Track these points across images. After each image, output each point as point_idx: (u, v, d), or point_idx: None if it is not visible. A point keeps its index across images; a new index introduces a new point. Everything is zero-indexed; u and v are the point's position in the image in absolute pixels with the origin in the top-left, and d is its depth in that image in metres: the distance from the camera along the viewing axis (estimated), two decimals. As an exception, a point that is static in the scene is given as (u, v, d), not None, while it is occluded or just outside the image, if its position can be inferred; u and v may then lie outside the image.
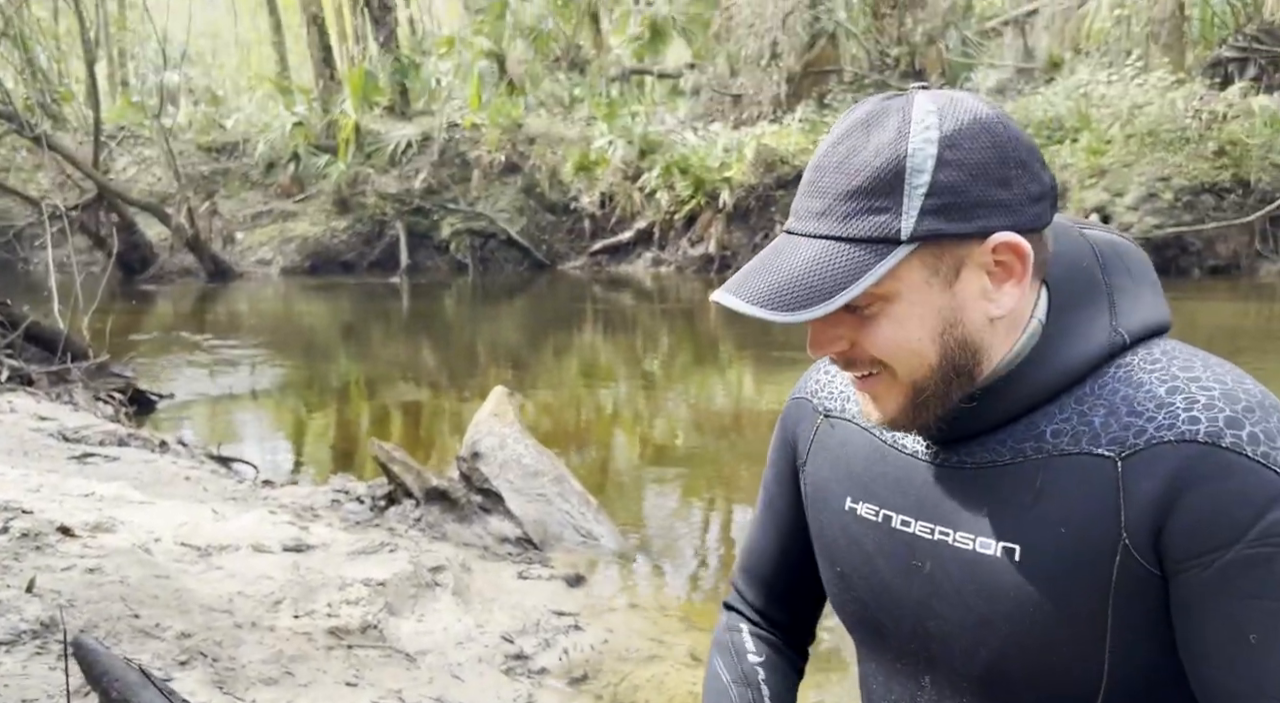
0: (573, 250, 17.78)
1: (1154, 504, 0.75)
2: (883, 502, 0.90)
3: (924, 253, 0.78)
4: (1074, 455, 0.79)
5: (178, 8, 30.96)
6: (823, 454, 0.98)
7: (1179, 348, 0.83)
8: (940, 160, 0.77)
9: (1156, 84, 13.77)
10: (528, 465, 4.16)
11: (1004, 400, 0.83)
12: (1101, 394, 0.80)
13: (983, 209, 0.78)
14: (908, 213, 0.77)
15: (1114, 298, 0.84)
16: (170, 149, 17.05)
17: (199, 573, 2.95)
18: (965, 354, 0.81)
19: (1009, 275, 0.80)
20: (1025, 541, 0.80)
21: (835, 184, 0.79)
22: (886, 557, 0.90)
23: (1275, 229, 13.48)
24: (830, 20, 17.30)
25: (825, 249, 0.78)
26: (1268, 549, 0.72)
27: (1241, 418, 0.74)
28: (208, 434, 6.23)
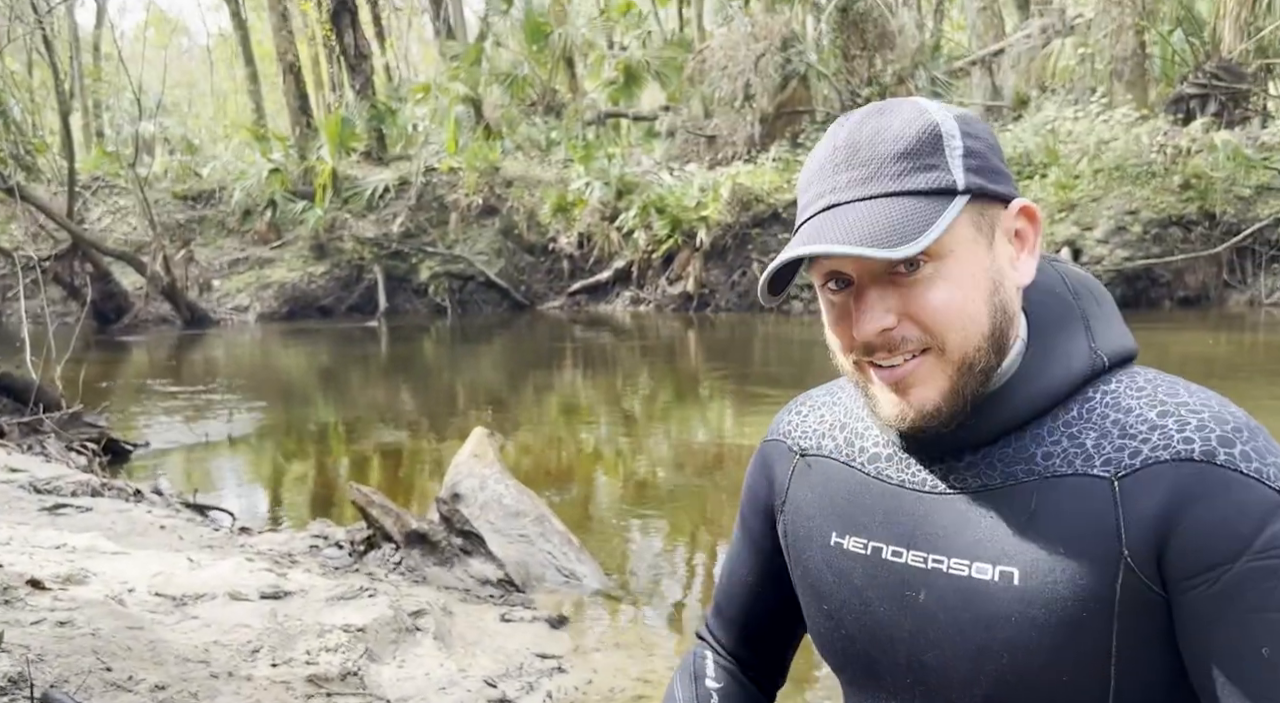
0: (552, 291, 17.83)
1: (1155, 522, 0.75)
2: (871, 534, 0.89)
3: (971, 210, 0.80)
4: (1068, 477, 0.79)
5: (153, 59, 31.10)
6: (802, 494, 0.97)
7: (1161, 376, 0.84)
8: (963, 131, 0.82)
9: (1121, 120, 14.08)
10: (509, 506, 4.12)
11: (997, 415, 0.83)
12: (1090, 418, 0.81)
13: (1003, 178, 0.83)
14: (954, 168, 0.80)
15: (1089, 323, 0.86)
16: (145, 198, 17.02)
17: (174, 623, 2.88)
18: (1005, 322, 0.82)
19: (1023, 245, 0.84)
20: (1024, 563, 0.79)
21: (876, 153, 0.80)
22: (878, 589, 0.88)
23: (1242, 260, 13.73)
24: (801, 62, 17.62)
25: (890, 204, 0.78)
26: (1273, 561, 0.72)
27: (1232, 437, 0.76)
28: (184, 483, 6.14)
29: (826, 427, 0.98)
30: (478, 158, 18.12)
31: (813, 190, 0.84)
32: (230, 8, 26.04)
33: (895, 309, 0.80)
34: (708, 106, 18.76)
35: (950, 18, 23.65)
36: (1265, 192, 13.62)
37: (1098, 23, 15.68)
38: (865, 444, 0.93)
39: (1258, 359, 9.95)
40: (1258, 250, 13.58)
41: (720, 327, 14.66)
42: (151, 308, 16.50)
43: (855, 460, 0.93)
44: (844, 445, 0.95)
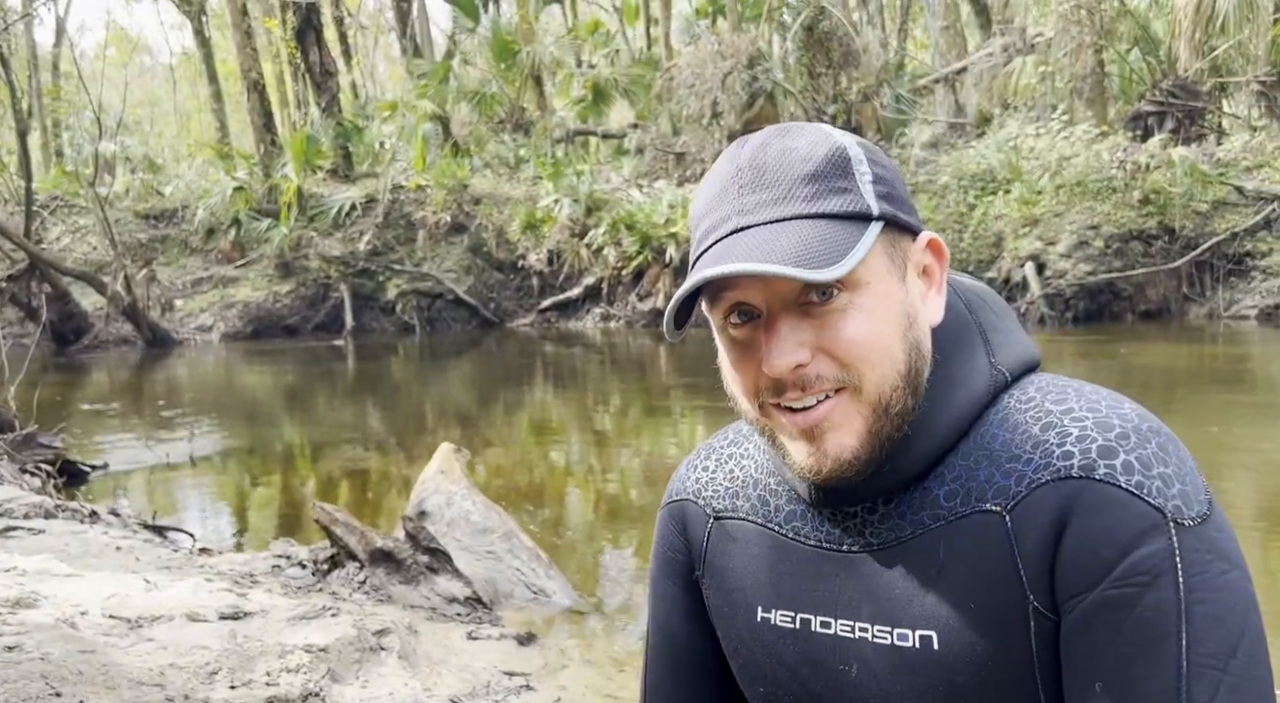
0: (521, 308, 17.76)
1: (1043, 551, 0.71)
2: (798, 605, 0.83)
3: (884, 240, 0.75)
4: (966, 517, 0.74)
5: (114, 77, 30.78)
6: (720, 562, 0.89)
7: (1051, 381, 0.78)
8: (868, 158, 0.77)
9: (1082, 137, 14.34)
10: (476, 523, 4.05)
11: (907, 458, 0.77)
12: (983, 443, 0.76)
13: (909, 209, 0.79)
14: (865, 193, 0.75)
15: (986, 335, 0.81)
16: (106, 217, 16.77)
17: (128, 646, 2.79)
18: (920, 362, 0.76)
19: (931, 282, 0.79)
20: (940, 625, 0.74)
21: (786, 174, 0.75)
22: (813, 667, 0.82)
23: (1201, 274, 13.99)
24: (768, 80, 17.78)
25: (804, 226, 0.72)
26: (1130, 589, 0.67)
27: (1115, 445, 0.71)
28: (144, 504, 5.99)
29: (739, 485, 0.90)
30: (446, 175, 18.05)
31: (715, 214, 0.77)
32: (193, 26, 25.85)
33: (808, 342, 0.74)
34: (676, 124, 18.86)
35: (914, 37, 24.02)
36: (1221, 206, 13.92)
37: (1058, 42, 15.99)
38: (780, 502, 0.86)
39: (1218, 369, 10.11)
40: (1215, 264, 13.85)
41: (690, 343, 14.66)
42: (112, 328, 16.21)
43: (771, 521, 0.86)
44: (759, 505, 0.88)
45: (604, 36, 22.75)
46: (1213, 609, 0.66)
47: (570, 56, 22.35)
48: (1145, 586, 0.67)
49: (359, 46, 30.38)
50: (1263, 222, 13.64)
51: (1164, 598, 0.66)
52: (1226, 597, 0.67)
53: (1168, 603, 0.66)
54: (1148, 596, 0.67)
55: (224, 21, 25.64)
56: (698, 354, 13.81)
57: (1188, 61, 15.29)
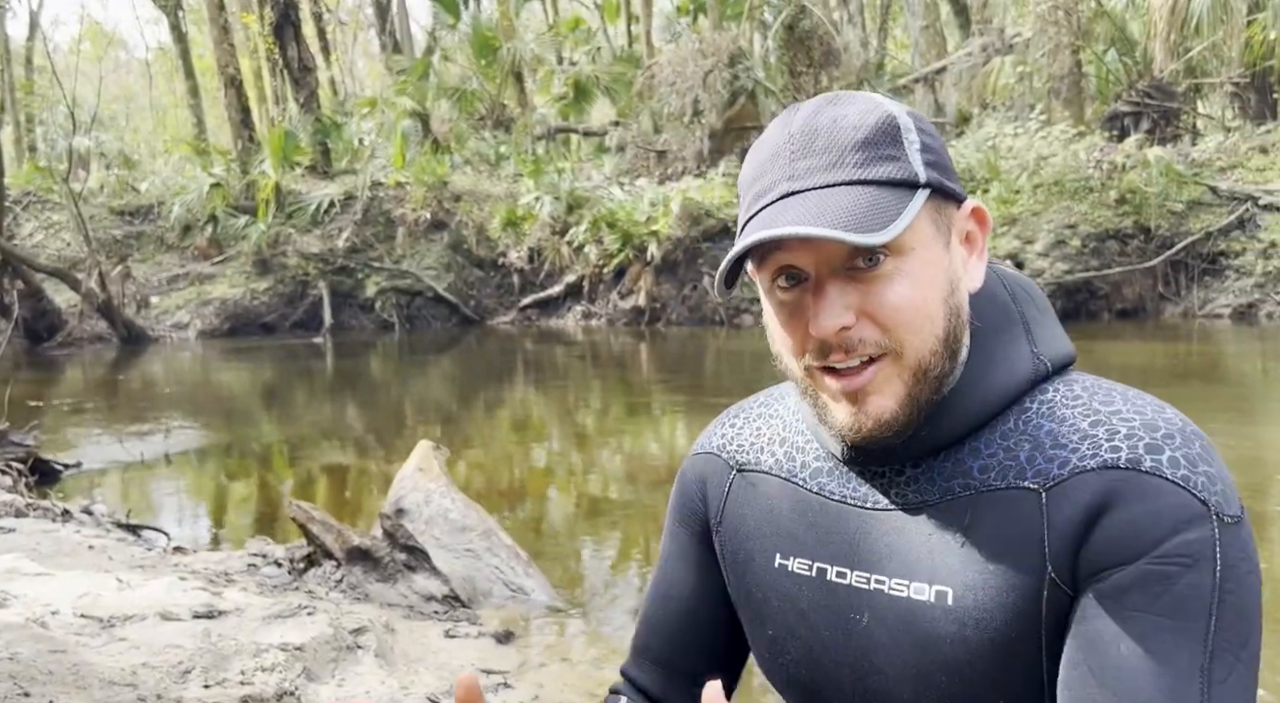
0: (502, 306, 17.70)
1: (1075, 529, 0.73)
2: (815, 554, 0.85)
3: (930, 206, 0.78)
4: (1001, 491, 0.77)
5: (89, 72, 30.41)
6: (742, 511, 0.93)
7: (1099, 383, 0.81)
8: (917, 126, 0.79)
9: (1059, 136, 14.46)
10: (454, 520, 4.03)
11: (942, 425, 0.80)
12: (1026, 429, 0.79)
13: (955, 177, 0.81)
14: (915, 161, 0.77)
15: (1029, 327, 0.84)
16: (80, 213, 16.56)
17: (100, 645, 2.75)
18: (959, 327, 0.79)
19: (973, 249, 0.82)
20: (957, 582, 0.77)
21: (837, 141, 0.77)
22: (822, 613, 0.85)
23: (1176, 273, 14.15)
24: (749, 78, 17.81)
25: (855, 192, 0.75)
26: (1171, 567, 0.70)
27: (1162, 444, 0.73)
28: (118, 503, 5.92)
29: (765, 441, 0.94)
30: (425, 172, 17.96)
31: (766, 179, 0.79)
32: (170, 20, 25.59)
33: (854, 306, 0.76)
34: (657, 122, 18.86)
35: (894, 36, 24.13)
36: (1196, 206, 14.08)
37: (1035, 42, 16.11)
38: (806, 459, 0.89)
39: (1192, 368, 10.22)
40: (1190, 263, 14.01)
41: (672, 340, 14.67)
42: (86, 326, 16.01)
43: (797, 476, 0.89)
44: (784, 460, 0.91)
45: (585, 33, 22.71)
46: (1239, 602, 0.70)
47: (551, 53, 22.30)
48: (1187, 566, 0.70)
49: (338, 42, 30.17)
50: (1236, 221, 13.81)
51: (1202, 581, 0.70)
52: (1249, 595, 0.71)
53: (1204, 587, 0.70)
54: (1188, 575, 0.70)
55: (201, 16, 25.38)
56: (679, 352, 13.81)
57: (1163, 62, 15.45)
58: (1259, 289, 13.50)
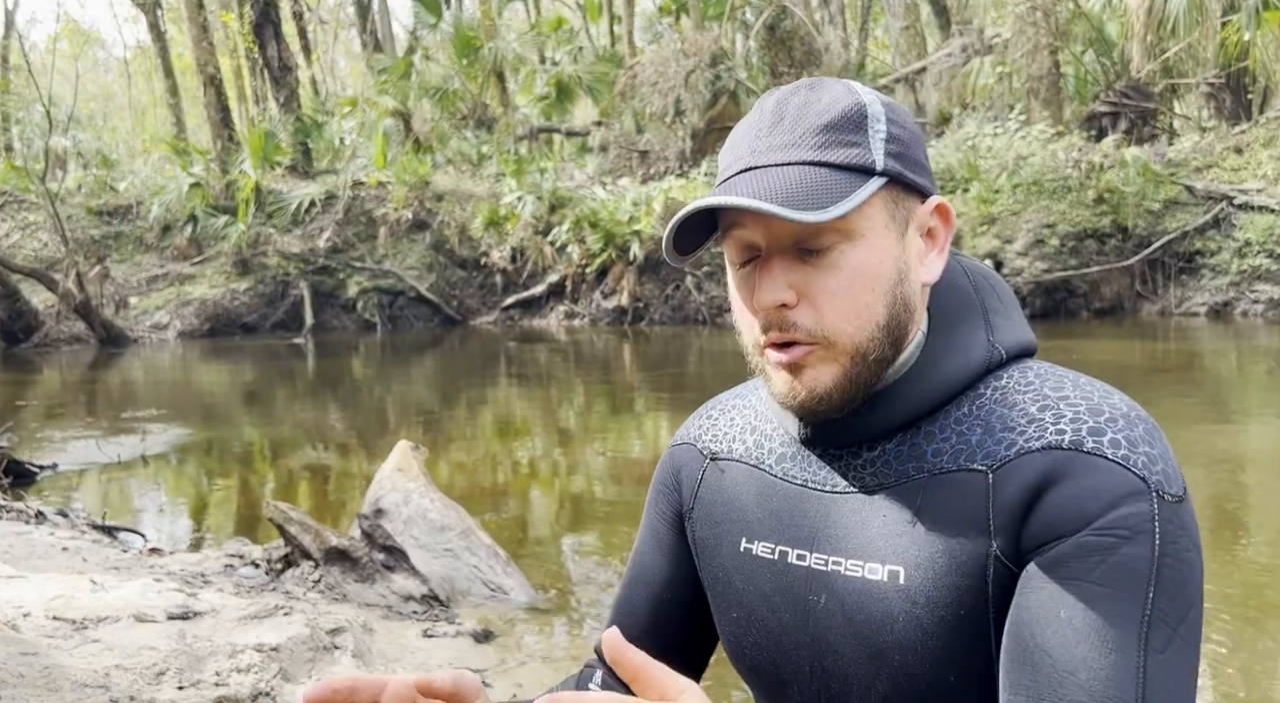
0: (484, 306, 17.66)
1: (1017, 506, 0.75)
2: (778, 538, 0.88)
3: (886, 195, 0.80)
4: (951, 473, 0.79)
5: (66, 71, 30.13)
6: (712, 498, 0.95)
7: (1050, 370, 0.83)
8: (888, 117, 0.81)
9: (1038, 136, 14.56)
10: (433, 520, 4.02)
11: (895, 408, 0.82)
12: (979, 414, 0.81)
13: (922, 171, 0.83)
14: (874, 149, 0.79)
15: (988, 316, 0.86)
16: (57, 213, 16.41)
17: (72, 648, 2.73)
18: (904, 317, 0.81)
19: (934, 244, 0.84)
20: (908, 561, 0.79)
21: (802, 122, 0.80)
22: (784, 594, 0.87)
23: (1153, 272, 14.29)
24: (731, 78, 17.84)
25: (807, 171, 0.77)
26: (1109, 539, 0.72)
27: (1104, 427, 0.76)
28: (96, 505, 5.87)
29: (737, 430, 0.97)
30: (407, 172, 17.88)
31: (733, 154, 0.82)
32: (148, 19, 25.36)
33: (796, 286, 0.79)
34: (639, 122, 18.87)
35: (875, 37, 24.23)
36: (1173, 206, 14.22)
37: (1014, 43, 16.22)
38: (773, 445, 0.92)
39: (1169, 366, 10.32)
40: (1167, 262, 14.15)
41: (654, 340, 14.68)
42: (64, 326, 15.86)
43: (763, 463, 0.92)
44: (753, 448, 0.94)
45: (567, 33, 22.68)
46: (1177, 577, 0.71)
47: (533, 53, 22.27)
48: (1125, 539, 0.71)
49: (319, 41, 30.00)
50: (1212, 221, 13.96)
51: (1140, 553, 0.71)
52: (1188, 571, 0.72)
53: (1143, 558, 0.71)
54: (1125, 547, 0.71)
55: (180, 15, 25.17)
56: (661, 352, 13.82)
57: (1140, 63, 15.59)
58: (1234, 288, 13.65)
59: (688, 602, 1.00)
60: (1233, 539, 4.44)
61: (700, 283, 16.04)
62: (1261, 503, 5.27)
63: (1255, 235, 13.50)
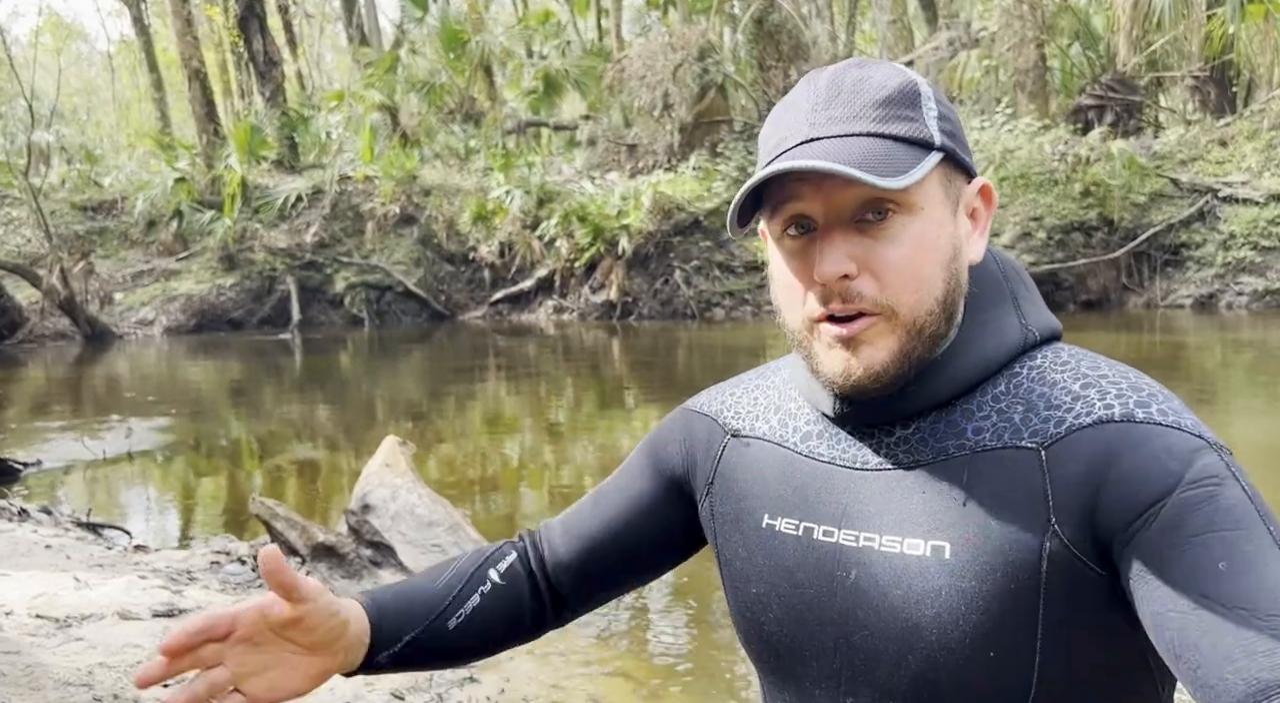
0: (473, 300, 17.61)
1: (1081, 484, 0.75)
2: (803, 514, 0.87)
3: (942, 171, 0.80)
4: (997, 450, 0.79)
5: (49, 65, 29.86)
6: (733, 474, 0.94)
7: (1083, 352, 0.85)
8: (936, 98, 0.82)
9: (1025, 130, 14.60)
10: (421, 516, 4.00)
11: (934, 384, 0.82)
12: (1018, 393, 0.81)
13: (967, 151, 0.83)
14: (931, 125, 0.80)
15: (1018, 301, 0.87)
16: (40, 209, 16.27)
17: (55, 646, 2.71)
18: (957, 292, 0.82)
19: (977, 224, 0.85)
20: (954, 537, 0.78)
21: (860, 97, 0.80)
22: (808, 571, 0.86)
23: (1139, 265, 14.36)
24: (719, 72, 17.82)
25: (873, 142, 0.77)
26: (1205, 489, 0.72)
27: (1149, 400, 0.77)
28: (81, 502, 5.83)
29: (760, 409, 0.96)
30: (394, 166, 17.80)
31: (788, 127, 0.81)
32: (132, 13, 25.15)
33: (858, 258, 0.78)
34: (627, 116, 18.82)
35: (862, 30, 24.24)
36: (1158, 199, 14.29)
37: (1001, 36, 16.25)
38: (798, 424, 0.91)
39: (1155, 358, 10.38)
40: (1153, 255, 14.22)
41: (643, 334, 14.67)
42: (48, 322, 15.74)
43: (788, 441, 0.91)
44: (777, 427, 0.93)
45: (554, 27, 22.60)
46: (1268, 511, 0.73)
47: (520, 47, 22.17)
48: (1218, 484, 0.72)
49: (304, 35, 29.82)
50: (1197, 213, 14.04)
51: (1237, 493, 0.72)
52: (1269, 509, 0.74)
53: (1241, 497, 0.72)
54: (1224, 490, 0.72)
55: (164, 8, 24.96)
56: (650, 347, 13.81)
57: (1126, 56, 15.64)
58: (1219, 280, 13.74)
59: (633, 542, 1.00)
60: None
61: (689, 277, 16.04)
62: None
63: (1240, 228, 13.58)
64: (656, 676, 3.13)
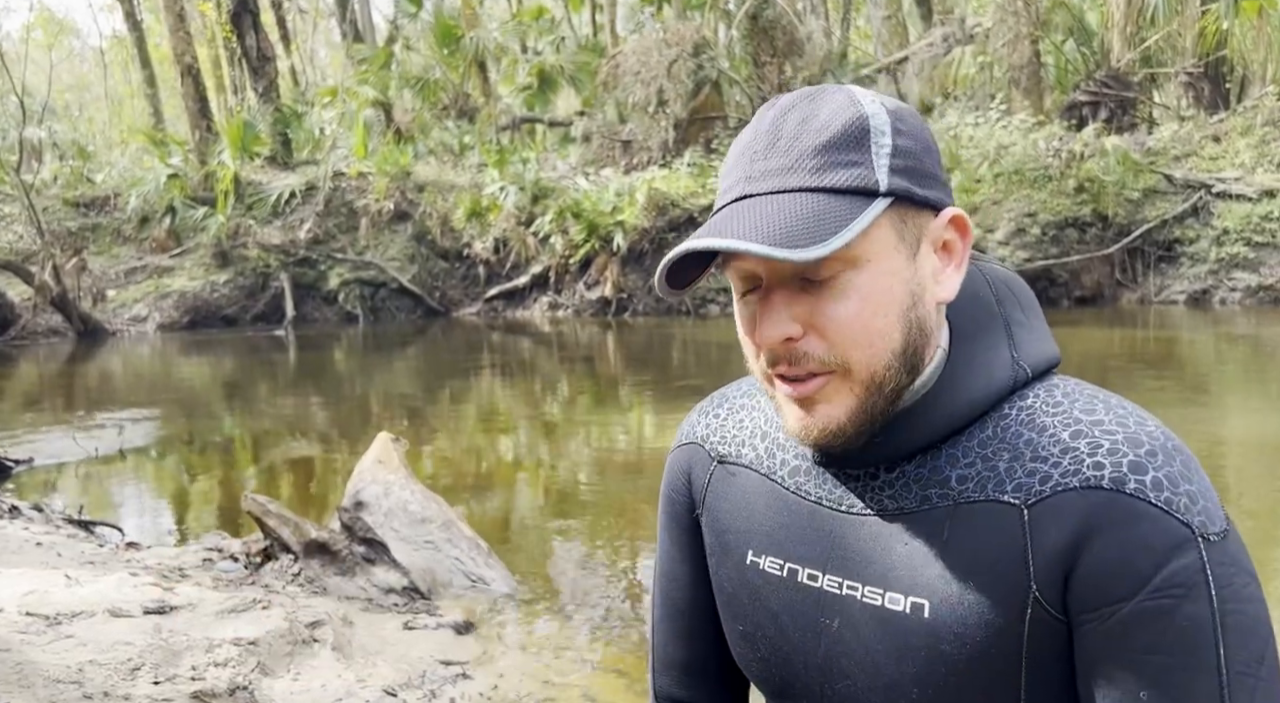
0: (467, 297, 17.58)
1: (1061, 553, 0.72)
2: (788, 555, 0.84)
3: (893, 215, 0.74)
4: (980, 503, 0.75)
5: (41, 61, 29.71)
6: (721, 503, 0.91)
7: (1081, 389, 0.79)
8: (894, 128, 0.75)
9: (1019, 126, 14.61)
10: (414, 512, 3.99)
11: (914, 431, 0.78)
12: (1005, 438, 0.77)
13: (934, 182, 0.77)
14: (879, 167, 0.74)
15: (1011, 330, 0.81)
16: (33, 205, 16.20)
17: (45, 643, 2.70)
18: (920, 341, 0.76)
19: (950, 258, 0.78)
20: (934, 595, 0.75)
21: (799, 143, 0.74)
22: (792, 614, 0.83)
23: (1133, 261, 14.39)
24: (713, 68, 17.80)
25: (804, 200, 0.72)
26: (1167, 601, 0.69)
27: (1145, 462, 0.72)
28: (73, 499, 5.80)
29: (746, 434, 0.92)
30: (388, 162, 17.75)
31: (730, 178, 0.77)
32: (124, 8, 25.05)
33: (801, 318, 0.74)
34: (622, 112, 18.80)
35: (857, 26, 24.23)
36: (1152, 195, 14.31)
37: (995, 32, 16.26)
38: (786, 456, 0.87)
39: (1149, 354, 10.40)
40: (1147, 251, 14.25)
41: (639, 331, 14.66)
42: (41, 319, 15.68)
43: (775, 473, 0.87)
44: (764, 457, 0.89)
45: (549, 23, 22.55)
46: (1242, 620, 0.69)
47: (515, 43, 22.13)
48: (1181, 597, 0.68)
49: (298, 31, 29.72)
50: (1190, 209, 14.06)
51: (1200, 610, 0.68)
52: (1252, 608, 0.70)
53: (1204, 614, 0.68)
54: (1184, 607, 0.68)
55: (156, 4, 24.84)
56: (645, 343, 13.80)
57: (1120, 53, 15.66)
58: (1212, 276, 13.77)
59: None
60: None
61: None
62: (1240, 488, 5.32)
63: (1233, 224, 13.61)
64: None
